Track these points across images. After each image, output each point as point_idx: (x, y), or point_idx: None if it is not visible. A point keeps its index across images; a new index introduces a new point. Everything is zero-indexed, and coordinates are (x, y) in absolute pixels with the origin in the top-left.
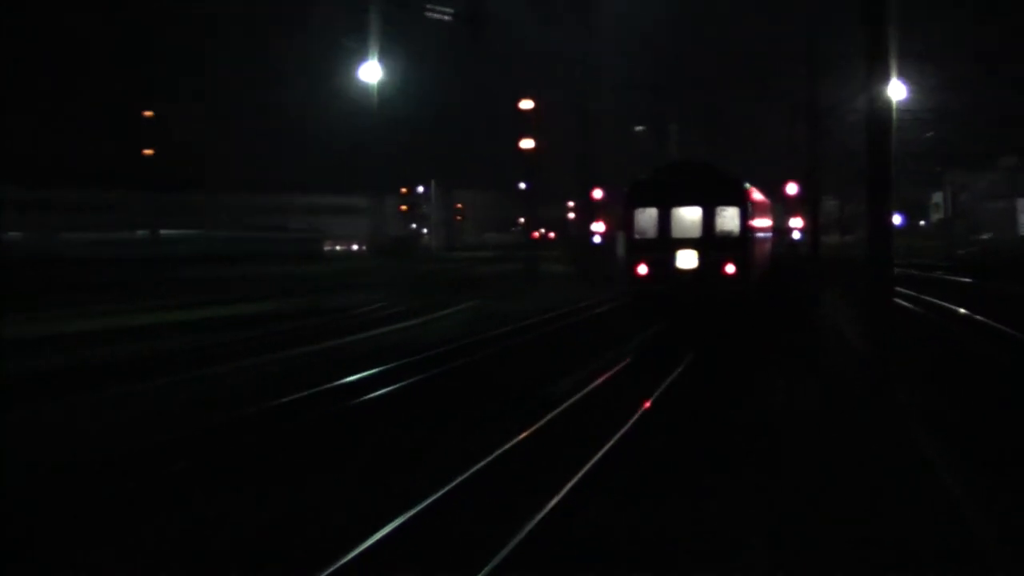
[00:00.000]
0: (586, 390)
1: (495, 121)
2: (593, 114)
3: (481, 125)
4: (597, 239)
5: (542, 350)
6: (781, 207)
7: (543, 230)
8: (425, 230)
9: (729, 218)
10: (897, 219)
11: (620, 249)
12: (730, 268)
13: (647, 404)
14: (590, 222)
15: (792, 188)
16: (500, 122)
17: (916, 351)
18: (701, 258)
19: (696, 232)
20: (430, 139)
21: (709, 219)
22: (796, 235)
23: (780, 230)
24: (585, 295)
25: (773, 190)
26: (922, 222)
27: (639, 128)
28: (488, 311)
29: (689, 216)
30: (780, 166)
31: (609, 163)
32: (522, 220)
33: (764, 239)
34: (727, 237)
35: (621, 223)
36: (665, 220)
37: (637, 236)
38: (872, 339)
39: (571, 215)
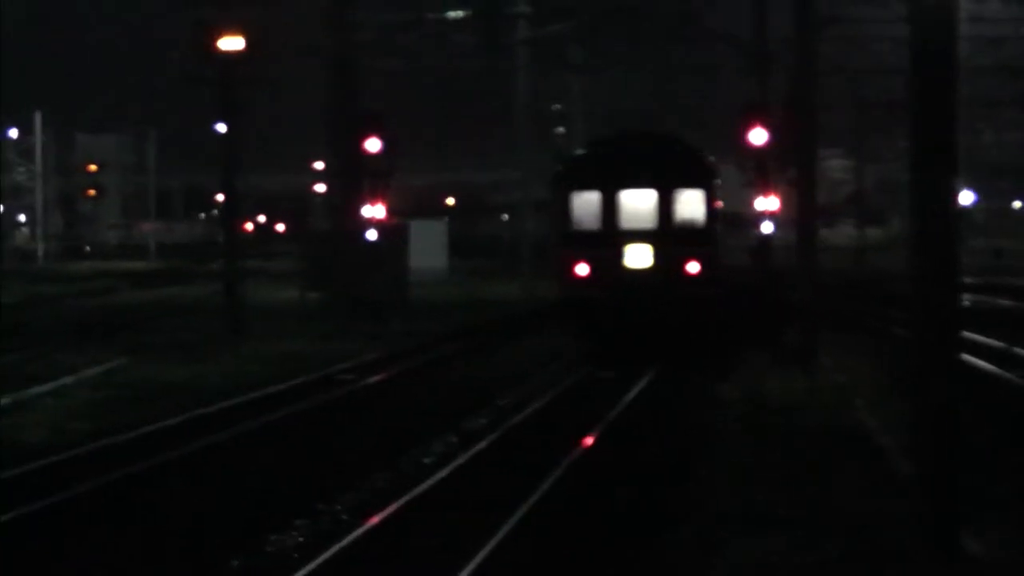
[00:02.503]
0: None
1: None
2: None
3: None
4: (372, 235)
5: (226, 480)
6: (734, 173)
7: (262, 219)
8: (23, 217)
9: (692, 203)
10: (967, 197)
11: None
12: (693, 267)
13: None
14: (356, 202)
15: (759, 136)
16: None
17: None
18: (657, 254)
19: (650, 222)
20: (33, 32)
21: (666, 205)
22: (767, 227)
23: (732, 216)
24: (346, 348)
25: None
26: (1019, 203)
27: (454, 14)
28: (138, 384)
29: (640, 202)
30: (731, 90)
31: (398, 84)
32: (220, 198)
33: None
34: (689, 227)
35: (552, 210)
36: (610, 207)
37: (574, 228)
38: (920, 446)
39: (319, 188)
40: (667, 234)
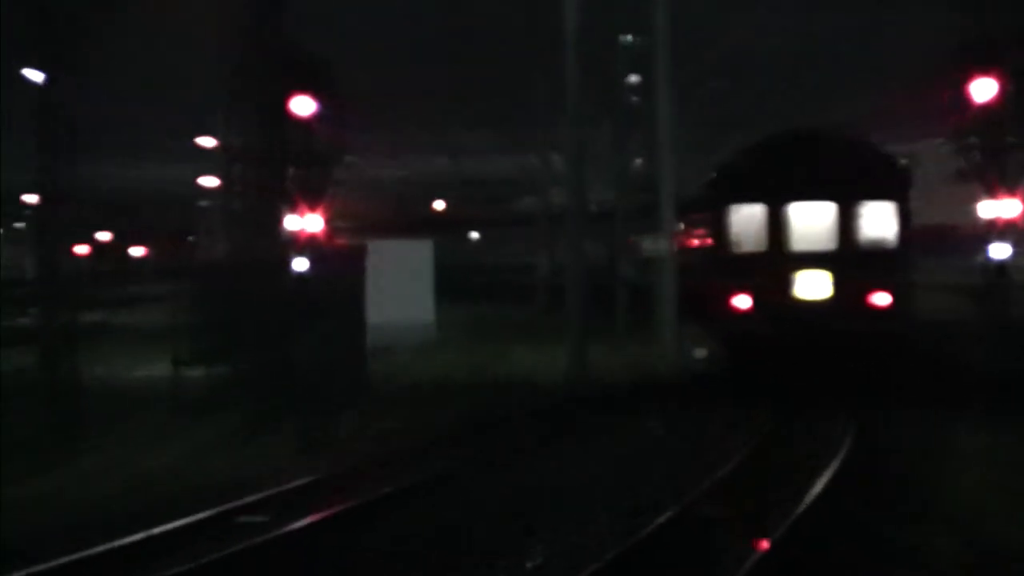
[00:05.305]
0: None
1: None
2: None
3: None
4: (302, 265)
5: None
6: (937, 163)
7: (106, 237)
8: None
9: (878, 219)
10: None
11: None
12: (881, 298)
13: None
14: (276, 209)
15: (985, 89)
16: None
17: None
18: (836, 283)
19: (827, 243)
20: None
21: (847, 222)
22: (1000, 249)
23: (935, 231)
24: (255, 465)
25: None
26: None
27: None
28: None
29: (815, 217)
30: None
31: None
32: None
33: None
34: (877, 249)
35: (707, 229)
36: (777, 224)
37: (732, 250)
38: None
39: (207, 182)
40: (848, 258)
